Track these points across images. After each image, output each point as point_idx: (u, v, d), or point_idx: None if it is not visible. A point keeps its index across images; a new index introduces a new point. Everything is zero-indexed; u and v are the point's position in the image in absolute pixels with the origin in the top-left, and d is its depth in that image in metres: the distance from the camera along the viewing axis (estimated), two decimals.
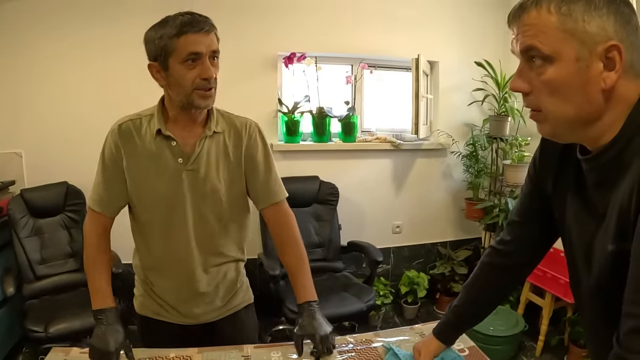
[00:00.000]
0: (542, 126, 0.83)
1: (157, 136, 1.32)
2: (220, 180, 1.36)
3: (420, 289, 3.30)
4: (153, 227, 1.38)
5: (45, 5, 2.84)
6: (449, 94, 3.46)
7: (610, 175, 0.79)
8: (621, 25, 0.72)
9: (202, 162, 1.34)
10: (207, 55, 1.22)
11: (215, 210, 1.38)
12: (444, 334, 1.27)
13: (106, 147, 1.36)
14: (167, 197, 1.34)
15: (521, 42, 0.78)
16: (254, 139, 1.41)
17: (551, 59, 0.75)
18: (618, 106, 0.76)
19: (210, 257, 1.42)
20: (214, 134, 1.35)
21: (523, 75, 0.80)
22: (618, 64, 0.72)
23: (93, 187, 1.38)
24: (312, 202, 3.08)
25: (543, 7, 0.74)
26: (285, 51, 3.07)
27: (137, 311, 1.49)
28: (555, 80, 0.75)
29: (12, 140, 2.93)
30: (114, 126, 1.36)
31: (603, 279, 0.82)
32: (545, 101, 0.78)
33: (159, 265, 1.42)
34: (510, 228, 1.14)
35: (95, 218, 1.37)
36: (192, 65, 1.22)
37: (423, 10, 3.31)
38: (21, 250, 2.59)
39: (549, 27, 0.74)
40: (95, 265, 1.34)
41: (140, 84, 2.91)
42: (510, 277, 1.19)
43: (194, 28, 1.19)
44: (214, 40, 1.24)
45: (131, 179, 1.34)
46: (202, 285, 1.41)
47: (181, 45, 1.19)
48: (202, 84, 1.23)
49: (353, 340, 1.43)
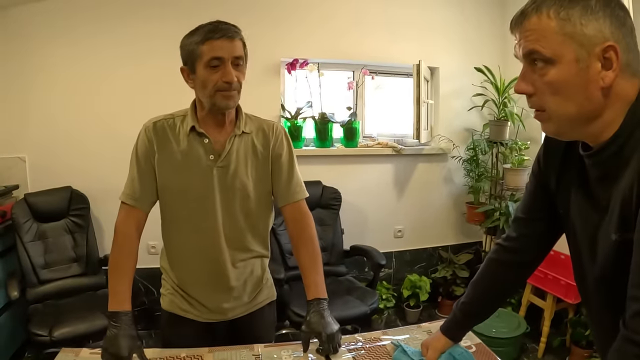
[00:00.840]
0: (546, 125, 0.87)
1: (190, 133, 1.38)
2: (248, 177, 1.42)
3: (422, 293, 3.31)
4: (183, 222, 1.42)
5: (53, 12, 2.87)
6: (449, 99, 3.50)
7: (612, 169, 0.83)
8: (617, 28, 0.77)
9: (232, 160, 1.39)
10: (229, 60, 1.29)
11: (243, 206, 1.43)
12: (451, 330, 1.28)
13: (139, 143, 1.40)
14: (198, 192, 1.38)
15: (524, 46, 0.82)
16: (281, 140, 1.48)
17: (552, 61, 0.79)
18: (617, 103, 0.80)
19: (238, 252, 1.46)
20: (242, 133, 1.42)
21: (526, 77, 0.84)
22: (615, 63, 0.77)
23: (126, 183, 1.41)
24: (315, 206, 3.10)
25: (543, 13, 0.79)
26: (287, 57, 3.11)
27: (165, 308, 1.51)
28: (557, 80, 0.80)
29: (16, 144, 2.96)
30: (148, 123, 1.42)
31: (607, 268, 0.85)
32: (548, 101, 0.82)
33: (189, 261, 1.45)
34: (516, 225, 1.17)
35: (128, 212, 1.39)
36: (215, 70, 1.29)
37: (423, 17, 3.36)
38: (25, 254, 2.59)
39: (549, 31, 0.78)
40: (118, 268, 1.35)
41: (145, 91, 2.98)
42: (516, 273, 1.21)
43: (216, 34, 1.26)
44: (238, 47, 1.31)
45: (162, 174, 1.39)
46: (232, 279, 1.45)
47: (205, 51, 1.27)
48: (223, 86, 1.30)
49: (362, 339, 1.45)
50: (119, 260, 1.36)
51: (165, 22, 2.91)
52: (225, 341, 1.48)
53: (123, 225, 1.38)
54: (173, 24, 2.93)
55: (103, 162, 2.97)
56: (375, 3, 3.25)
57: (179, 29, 1.37)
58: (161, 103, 2.05)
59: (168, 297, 1.51)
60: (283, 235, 2.89)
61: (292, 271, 2.87)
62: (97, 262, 2.82)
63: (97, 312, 2.39)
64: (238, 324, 1.52)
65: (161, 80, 2.93)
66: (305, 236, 1.48)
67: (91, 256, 2.80)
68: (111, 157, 2.94)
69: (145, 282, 3.10)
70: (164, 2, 2.97)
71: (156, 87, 2.94)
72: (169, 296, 1.51)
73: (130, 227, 1.38)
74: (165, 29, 2.93)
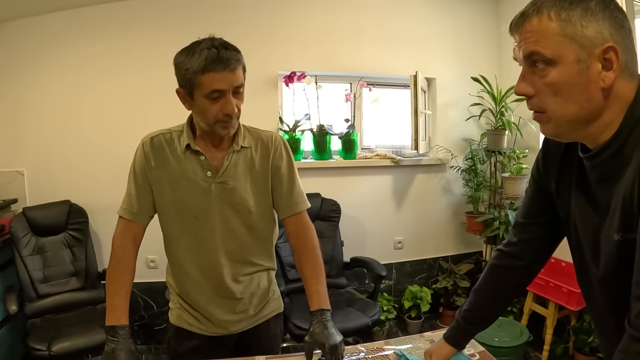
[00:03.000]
0: (545, 126, 0.87)
1: (186, 150, 1.37)
2: (248, 192, 1.41)
3: (423, 304, 3.29)
4: (183, 238, 1.40)
5: (49, 26, 2.90)
6: (446, 109, 3.52)
7: (611, 170, 0.83)
8: (616, 29, 0.78)
9: (230, 175, 1.38)
10: (230, 91, 1.25)
11: (245, 220, 1.41)
12: (454, 338, 1.28)
13: (137, 159, 1.40)
14: (196, 208, 1.37)
15: (524, 48, 0.82)
16: (280, 151, 1.46)
17: (553, 62, 0.79)
18: (616, 104, 0.80)
19: (242, 267, 1.44)
20: (241, 148, 1.40)
21: (526, 79, 0.85)
22: (615, 63, 0.77)
23: (124, 198, 1.40)
24: (315, 219, 3.09)
25: (544, 14, 0.79)
26: (285, 70, 3.13)
27: (172, 322, 1.50)
28: (558, 81, 0.80)
29: (15, 158, 2.96)
30: (146, 138, 1.40)
31: (611, 269, 0.85)
32: (549, 102, 0.83)
33: (191, 276, 1.43)
34: (517, 230, 1.17)
35: (125, 227, 1.39)
36: (215, 101, 1.25)
37: (419, 29, 3.39)
38: (23, 268, 2.58)
39: (550, 32, 0.79)
40: (115, 282, 1.34)
41: (142, 105, 3.00)
42: (518, 278, 1.21)
43: (217, 66, 1.20)
44: (239, 76, 1.26)
45: (160, 189, 1.38)
46: (236, 293, 1.44)
47: (205, 82, 1.22)
48: (223, 117, 1.28)
49: (364, 349, 1.44)
50: (116, 274, 1.35)
51: (163, 35, 2.94)
52: (231, 353, 1.47)
53: (120, 239, 1.38)
54: (171, 38, 2.97)
55: (102, 176, 2.97)
56: (372, 16, 3.29)
57: (177, 44, 1.34)
58: (159, 117, 2.07)
59: (175, 311, 1.50)
60: (283, 248, 2.88)
61: (293, 284, 2.86)
62: (96, 276, 2.81)
63: (96, 327, 2.37)
64: (244, 337, 1.50)
65: (159, 94, 2.93)
66: (308, 248, 1.46)
67: (90, 270, 2.79)
68: (110, 171, 2.95)
69: (144, 296, 3.08)
70: (161, 15, 3.01)
71: (154, 101, 2.95)
72: (176, 310, 1.50)
73: (127, 241, 1.37)
74: (163, 43, 2.96)
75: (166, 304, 3.01)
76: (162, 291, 2.97)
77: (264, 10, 3.10)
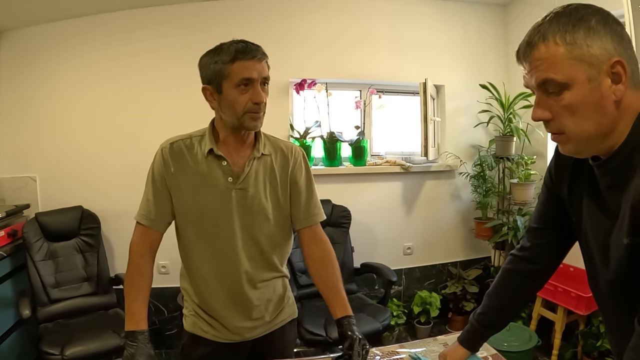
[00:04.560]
0: (565, 146, 0.89)
1: (208, 155, 1.37)
2: (267, 200, 1.41)
3: (432, 309, 3.30)
4: (202, 244, 1.40)
5: (64, 33, 2.97)
6: (455, 116, 3.54)
7: (621, 176, 0.85)
8: (618, 42, 0.81)
9: (250, 182, 1.39)
10: (258, 80, 1.29)
11: (264, 228, 1.42)
12: (469, 340, 1.30)
13: (155, 164, 1.40)
14: (216, 214, 1.37)
15: (536, 77, 0.84)
16: (299, 163, 1.48)
17: (567, 85, 0.82)
18: (627, 115, 0.83)
19: (261, 273, 1.45)
20: (262, 155, 1.41)
21: (542, 104, 0.87)
22: (624, 76, 0.80)
23: (141, 204, 1.40)
24: (325, 225, 3.09)
25: (550, 40, 0.81)
26: (296, 78, 3.16)
27: (187, 329, 1.50)
28: (574, 102, 0.82)
29: (27, 164, 3.01)
30: (165, 144, 1.40)
31: (621, 272, 0.87)
32: (567, 123, 0.85)
33: (209, 282, 1.43)
34: (530, 235, 1.21)
35: (142, 233, 1.39)
36: (245, 90, 1.28)
37: (428, 36, 3.42)
38: (35, 273, 2.61)
39: (559, 57, 0.81)
40: (134, 288, 1.35)
41: (154, 112, 3.03)
42: (530, 282, 1.23)
43: (247, 55, 1.26)
44: (265, 68, 1.32)
45: (179, 195, 1.38)
46: (254, 299, 1.44)
47: (235, 71, 1.26)
48: (253, 107, 1.30)
49: (379, 352, 1.45)
50: (134, 280, 1.35)
51: (175, 43, 2.99)
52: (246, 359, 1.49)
53: (138, 245, 1.39)
54: (182, 45, 3.01)
55: (114, 182, 3.01)
56: (381, 24, 3.32)
57: (189, 50, 1.37)
58: (172, 123, 2.08)
59: (190, 318, 1.49)
60: (294, 254, 2.89)
61: (304, 289, 2.87)
62: (108, 281, 2.83)
63: (109, 332, 2.39)
64: (259, 343, 1.50)
65: (173, 100, 2.99)
66: (323, 258, 1.48)
67: (102, 276, 2.81)
68: (122, 177, 2.98)
69: (156, 301, 3.10)
70: (173, 22, 3.05)
71: (166, 108, 3.00)
72: (190, 317, 1.49)
73: (145, 248, 1.38)
74: (176, 50, 3.01)
75: (177, 309, 3.05)
76: (173, 297, 2.98)
77: (273, 19, 3.15)
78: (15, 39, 2.94)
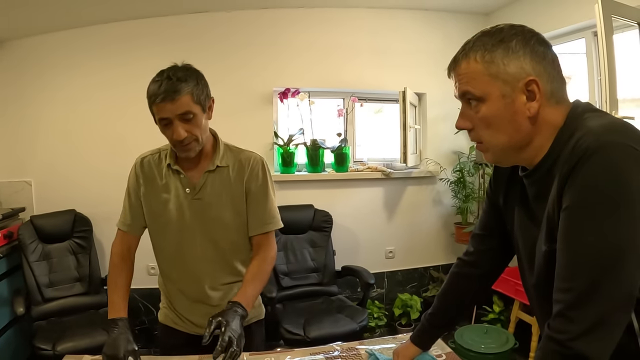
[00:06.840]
0: (485, 155, 0.98)
1: (169, 169, 1.53)
2: (225, 208, 1.53)
3: (413, 311, 3.39)
4: (167, 249, 1.57)
5: (56, 44, 3.10)
6: (436, 123, 3.63)
7: (544, 187, 0.93)
8: (537, 62, 0.87)
9: (206, 193, 1.52)
10: (175, 119, 1.37)
11: (225, 235, 1.56)
12: (419, 339, 1.38)
13: (130, 178, 1.58)
14: (178, 223, 1.53)
15: (458, 88, 0.94)
16: (255, 172, 1.55)
17: (482, 99, 0.91)
18: (545, 130, 0.91)
19: (223, 276, 1.59)
20: (217, 168, 1.52)
21: (464, 115, 0.96)
22: (538, 94, 0.88)
23: (121, 212, 1.59)
24: (307, 229, 3.22)
25: (471, 58, 0.91)
26: (280, 87, 3.27)
27: (160, 321, 1.69)
28: (488, 115, 0.91)
29: (23, 169, 3.14)
30: (138, 159, 1.59)
31: (542, 277, 0.95)
32: (483, 134, 0.94)
33: (174, 283, 1.60)
34: (474, 240, 1.28)
35: (121, 237, 1.59)
36: (167, 127, 1.40)
37: (410, 45, 3.51)
38: (30, 273, 2.74)
39: (477, 73, 0.90)
40: (114, 283, 1.53)
41: (144, 121, 3.10)
42: (476, 284, 1.31)
43: (157, 98, 1.34)
44: (182, 104, 1.35)
45: (147, 205, 1.56)
46: (214, 300, 1.58)
47: (155, 111, 1.39)
48: (176, 143, 1.41)
49: (339, 348, 1.55)
50: (114, 277, 1.54)
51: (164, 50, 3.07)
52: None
53: (117, 247, 1.58)
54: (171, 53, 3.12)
55: (105, 187, 3.11)
56: (363, 33, 3.42)
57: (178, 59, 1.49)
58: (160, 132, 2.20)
59: (163, 311, 1.68)
60: (276, 256, 3.00)
61: (286, 291, 2.98)
62: (99, 281, 2.95)
63: (99, 329, 2.51)
64: None
65: None
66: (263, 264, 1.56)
67: (93, 276, 2.93)
68: (113, 182, 3.04)
69: (145, 301, 3.21)
70: (164, 33, 3.16)
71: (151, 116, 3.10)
72: (163, 310, 1.68)
73: (123, 249, 1.57)
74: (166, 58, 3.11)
75: None
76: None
77: (258, 29, 3.24)
78: (14, 48, 3.08)
